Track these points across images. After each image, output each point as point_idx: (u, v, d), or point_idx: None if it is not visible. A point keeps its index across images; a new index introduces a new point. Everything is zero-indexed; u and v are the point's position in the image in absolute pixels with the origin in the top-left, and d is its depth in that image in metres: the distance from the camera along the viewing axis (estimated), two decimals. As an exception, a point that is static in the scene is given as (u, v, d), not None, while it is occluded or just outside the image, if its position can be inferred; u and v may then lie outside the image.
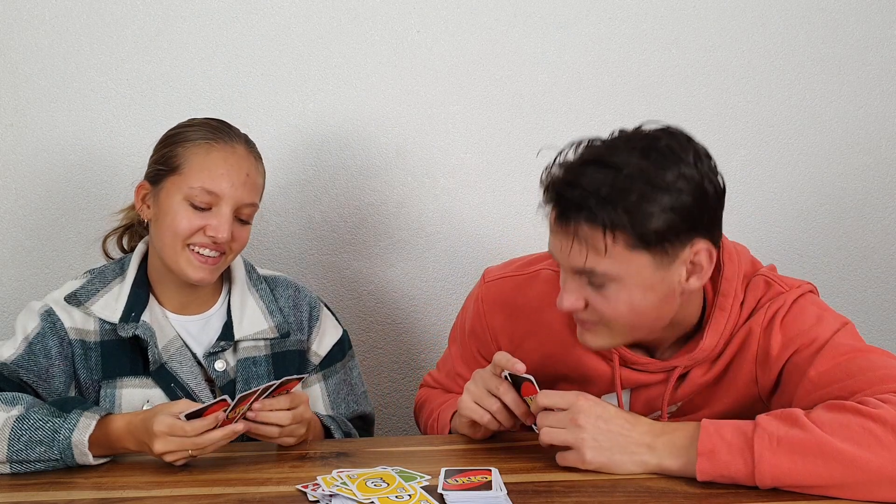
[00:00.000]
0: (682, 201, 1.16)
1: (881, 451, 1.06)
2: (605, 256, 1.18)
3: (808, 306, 1.29)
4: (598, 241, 1.17)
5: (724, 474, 1.10)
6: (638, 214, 1.15)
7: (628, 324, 1.25)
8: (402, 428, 2.08)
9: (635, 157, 1.17)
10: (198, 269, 1.45)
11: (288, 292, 1.59)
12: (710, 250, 1.22)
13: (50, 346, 1.43)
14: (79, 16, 1.88)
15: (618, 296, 1.21)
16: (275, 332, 1.53)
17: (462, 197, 2.04)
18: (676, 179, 1.16)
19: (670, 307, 1.26)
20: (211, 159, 1.44)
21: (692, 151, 1.19)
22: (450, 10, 1.98)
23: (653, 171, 1.16)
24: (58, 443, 1.25)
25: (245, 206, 1.47)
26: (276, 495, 1.15)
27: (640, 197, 1.15)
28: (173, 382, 1.45)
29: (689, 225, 1.18)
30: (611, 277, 1.20)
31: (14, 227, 1.91)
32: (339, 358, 1.61)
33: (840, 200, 2.15)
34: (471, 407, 1.29)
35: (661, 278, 1.21)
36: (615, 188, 1.15)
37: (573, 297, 1.24)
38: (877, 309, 2.18)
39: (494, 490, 1.13)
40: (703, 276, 1.23)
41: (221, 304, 1.55)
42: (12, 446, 1.26)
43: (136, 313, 1.47)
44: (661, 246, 1.18)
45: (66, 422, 1.27)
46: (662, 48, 2.04)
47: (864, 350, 1.21)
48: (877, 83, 2.12)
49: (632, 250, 1.18)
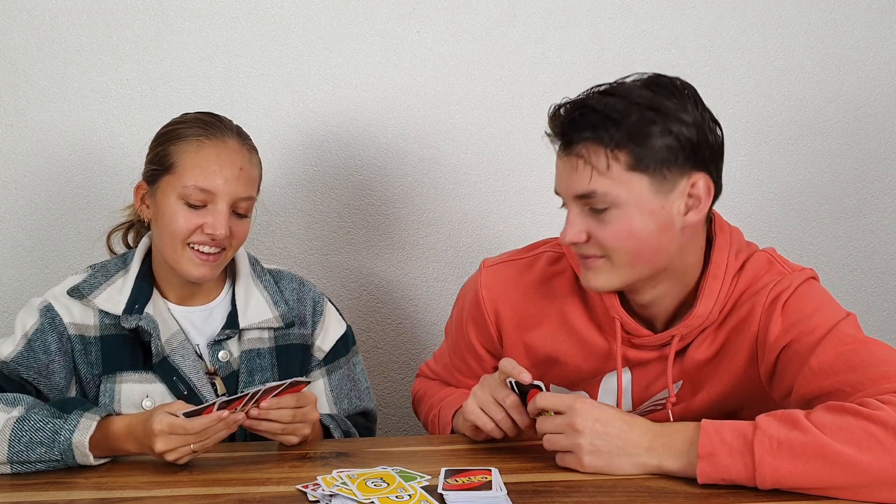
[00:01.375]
0: (681, 131, 1.22)
1: (882, 454, 1.05)
2: (607, 176, 1.22)
3: (811, 292, 1.29)
4: (600, 159, 1.22)
5: (724, 477, 1.10)
6: (639, 135, 1.21)
7: (629, 254, 1.26)
8: (403, 427, 2.08)
9: (639, 88, 1.25)
10: (199, 266, 1.45)
11: (292, 285, 1.59)
12: (709, 184, 1.26)
13: (49, 341, 1.44)
14: (79, 16, 1.88)
15: (618, 220, 1.24)
16: (280, 322, 1.54)
17: (462, 197, 2.04)
18: (678, 110, 1.23)
19: (670, 241, 1.27)
20: (202, 156, 1.43)
21: (694, 97, 1.26)
22: (450, 10, 1.98)
23: (656, 99, 1.23)
24: (58, 444, 1.25)
25: (241, 200, 1.46)
26: (276, 495, 1.15)
27: (642, 119, 1.22)
28: (175, 376, 1.45)
29: (687, 154, 1.23)
30: (611, 200, 1.23)
31: (14, 226, 1.91)
32: (342, 353, 1.61)
33: (840, 200, 2.15)
34: (475, 413, 1.30)
35: (659, 205, 1.24)
36: (618, 110, 1.22)
37: (576, 229, 1.27)
38: (876, 309, 2.18)
39: (494, 490, 1.13)
40: (701, 210, 1.26)
41: (225, 295, 1.55)
42: (13, 447, 1.26)
43: (139, 305, 1.47)
44: (659, 171, 1.23)
45: (66, 423, 1.26)
46: (662, 48, 2.04)
47: (866, 342, 1.21)
48: (877, 83, 2.12)
49: (631, 171, 1.22)
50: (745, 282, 1.32)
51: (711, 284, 1.31)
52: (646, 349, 1.36)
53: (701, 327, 1.33)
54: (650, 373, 1.37)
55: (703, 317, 1.31)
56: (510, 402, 1.27)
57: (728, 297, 1.32)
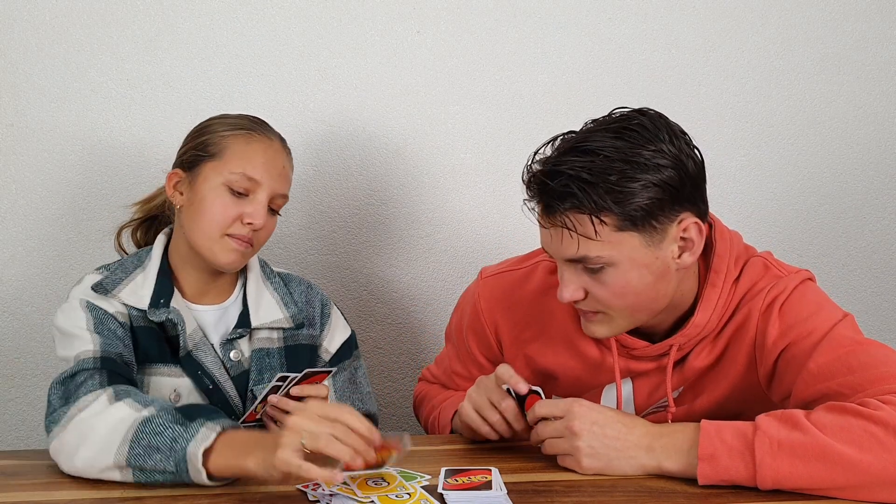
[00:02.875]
0: (662, 176, 1.19)
1: (883, 454, 1.06)
2: (596, 241, 1.20)
3: (807, 294, 1.29)
4: (586, 227, 1.19)
5: (725, 478, 1.10)
6: (621, 194, 1.18)
7: (629, 307, 1.26)
8: (403, 428, 2.08)
9: (610, 139, 1.20)
10: (231, 251, 1.46)
11: (301, 287, 1.62)
12: (699, 224, 1.24)
13: (112, 327, 1.40)
14: (79, 16, 1.88)
15: (615, 279, 1.23)
16: (290, 322, 1.55)
17: (462, 197, 2.04)
18: (654, 155, 1.19)
19: (667, 286, 1.26)
20: (252, 148, 1.48)
21: (665, 129, 1.22)
22: (450, 10, 1.98)
23: (629, 149, 1.18)
24: (175, 453, 1.15)
25: (279, 196, 1.50)
26: (276, 495, 1.15)
27: (621, 176, 1.17)
28: (200, 370, 1.46)
29: (672, 198, 1.20)
30: (605, 261, 1.22)
31: (14, 226, 1.91)
32: (347, 356, 1.62)
33: (840, 200, 2.15)
34: (471, 415, 1.30)
35: (654, 256, 1.22)
36: (594, 172, 1.18)
37: (572, 288, 1.26)
38: (876, 308, 2.18)
39: (494, 490, 1.13)
40: (696, 251, 1.25)
41: (237, 295, 1.57)
42: (133, 449, 1.17)
43: (164, 300, 1.46)
44: (648, 223, 1.20)
45: (187, 430, 1.16)
46: (662, 48, 2.04)
47: (865, 343, 1.21)
48: (877, 83, 2.12)
49: (621, 231, 1.20)
50: (742, 289, 1.32)
51: (709, 294, 1.31)
52: (645, 360, 1.36)
53: (699, 337, 1.33)
54: (651, 382, 1.37)
55: (700, 326, 1.31)
56: (505, 405, 1.27)
57: (726, 307, 1.32)
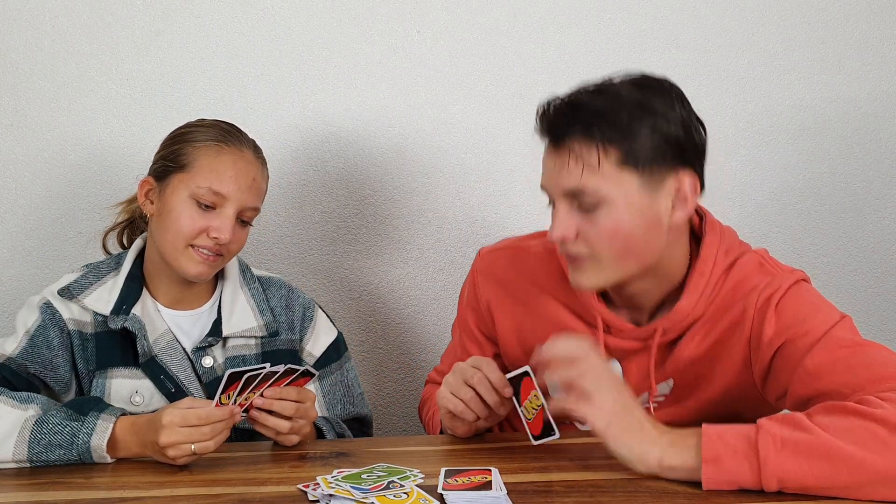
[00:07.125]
0: (669, 129, 1.24)
1: (885, 453, 1.05)
2: (597, 172, 1.23)
3: (804, 294, 1.30)
4: (591, 155, 1.23)
5: (729, 480, 1.09)
6: (628, 132, 1.23)
7: (617, 251, 1.27)
8: (403, 428, 2.08)
9: (628, 87, 1.27)
10: (198, 264, 1.47)
11: (281, 292, 1.61)
12: (695, 183, 1.28)
13: (51, 336, 1.47)
14: (79, 16, 1.88)
15: (607, 219, 1.25)
16: (263, 331, 1.55)
17: (462, 197, 2.04)
18: (665, 109, 1.25)
19: (657, 239, 1.28)
20: (220, 161, 1.47)
21: (680, 97, 1.28)
22: (450, 10, 1.98)
23: (645, 98, 1.25)
24: (77, 447, 1.28)
25: (248, 209, 1.49)
26: (276, 495, 1.15)
27: (631, 117, 1.23)
28: (163, 375, 1.48)
29: (675, 153, 1.25)
30: (601, 197, 1.24)
31: (14, 227, 1.91)
32: (334, 359, 1.62)
33: (840, 200, 2.15)
34: (446, 397, 1.31)
35: (648, 203, 1.25)
36: (607, 107, 1.24)
37: (564, 225, 1.27)
38: (876, 308, 2.18)
39: (494, 490, 1.12)
40: (688, 209, 1.28)
41: (213, 302, 1.57)
42: (32, 448, 1.29)
43: (126, 306, 1.49)
44: (648, 167, 1.24)
45: (84, 426, 1.29)
46: (662, 48, 2.04)
47: (864, 344, 1.21)
48: (877, 83, 2.12)
49: (621, 168, 1.23)
50: (733, 280, 1.32)
51: (697, 280, 1.32)
52: (631, 341, 1.37)
53: (686, 322, 1.33)
54: (640, 368, 1.37)
55: (686, 311, 1.32)
56: (477, 379, 1.28)
57: (714, 294, 1.32)
